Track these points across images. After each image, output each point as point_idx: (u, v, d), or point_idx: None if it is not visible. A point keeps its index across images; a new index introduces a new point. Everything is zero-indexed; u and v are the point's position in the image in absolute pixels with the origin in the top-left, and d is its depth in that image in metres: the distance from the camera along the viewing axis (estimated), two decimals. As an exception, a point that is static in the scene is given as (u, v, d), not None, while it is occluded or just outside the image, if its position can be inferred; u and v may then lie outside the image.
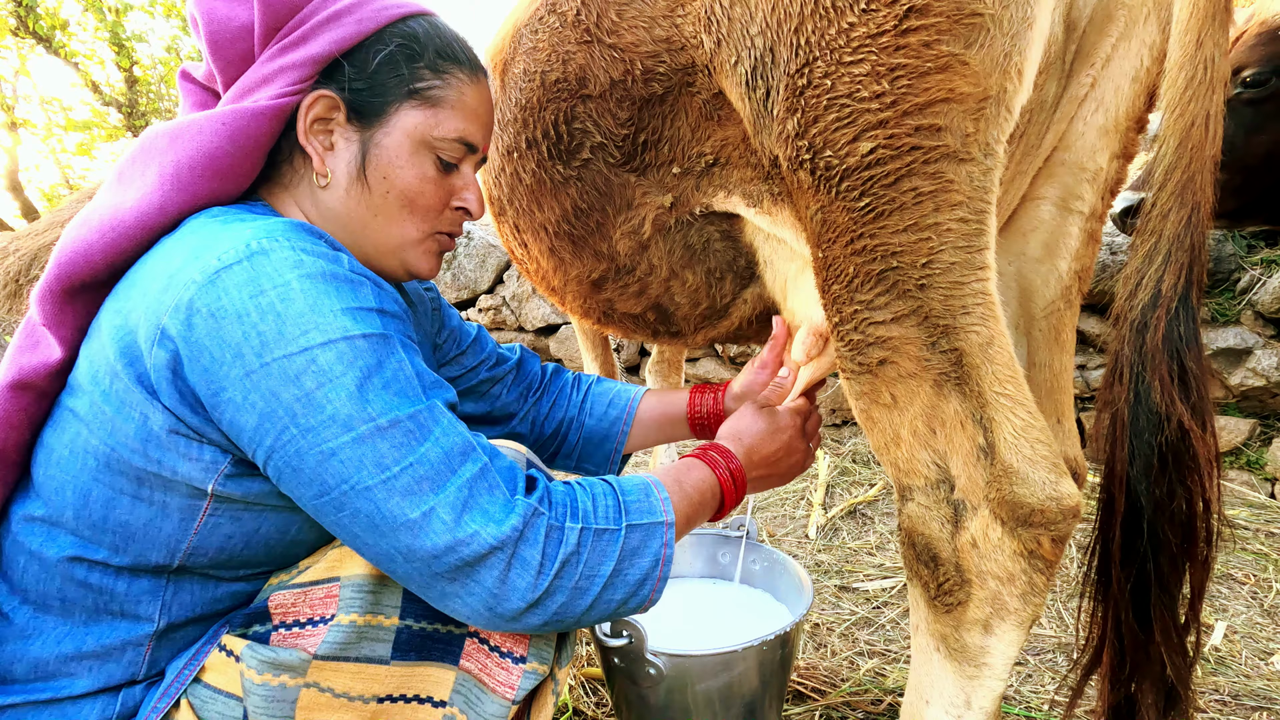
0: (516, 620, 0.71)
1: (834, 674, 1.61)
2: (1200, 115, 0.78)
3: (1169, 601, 0.83)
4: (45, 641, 0.74)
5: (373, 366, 0.69)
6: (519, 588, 0.70)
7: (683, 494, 0.86)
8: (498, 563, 0.69)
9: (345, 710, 0.75)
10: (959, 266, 0.80)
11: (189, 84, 0.87)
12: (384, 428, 0.68)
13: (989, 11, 0.74)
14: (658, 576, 0.77)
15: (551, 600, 0.71)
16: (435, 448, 0.70)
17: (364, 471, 0.67)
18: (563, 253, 1.32)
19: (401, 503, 0.67)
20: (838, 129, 0.80)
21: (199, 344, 0.67)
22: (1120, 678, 0.87)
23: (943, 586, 0.87)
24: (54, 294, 0.76)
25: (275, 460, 0.68)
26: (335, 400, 0.67)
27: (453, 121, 0.87)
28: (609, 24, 1.03)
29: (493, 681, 0.80)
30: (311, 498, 0.69)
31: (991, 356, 0.82)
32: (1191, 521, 0.81)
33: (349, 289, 0.71)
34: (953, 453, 0.85)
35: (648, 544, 0.77)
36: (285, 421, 0.67)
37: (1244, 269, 2.81)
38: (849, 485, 2.89)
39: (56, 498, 0.73)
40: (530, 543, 0.70)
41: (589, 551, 0.73)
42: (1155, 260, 0.81)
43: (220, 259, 0.69)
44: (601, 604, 0.74)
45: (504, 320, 4.28)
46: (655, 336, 1.43)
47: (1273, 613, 1.86)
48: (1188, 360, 0.80)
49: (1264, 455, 2.63)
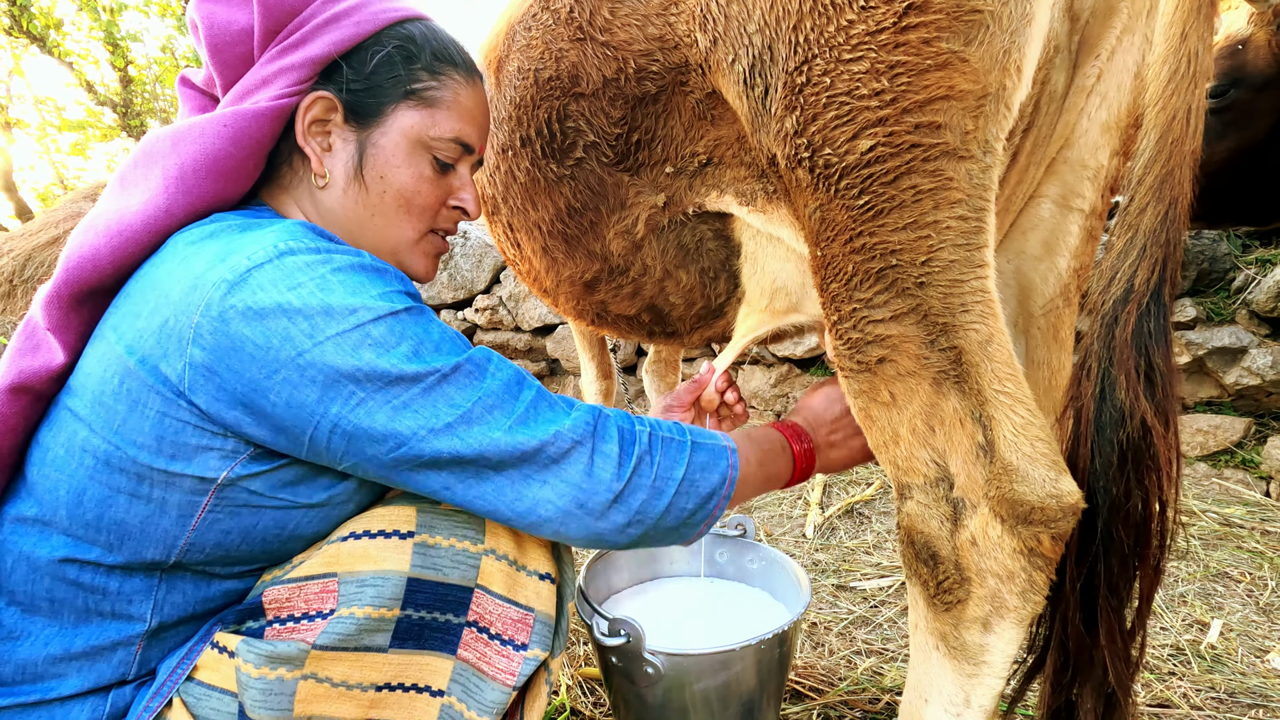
0: (603, 516, 0.77)
1: (832, 673, 1.61)
2: (1182, 109, 0.77)
3: (1116, 604, 0.82)
4: (33, 643, 0.73)
5: (421, 334, 0.75)
6: (603, 479, 0.76)
7: (745, 437, 0.93)
8: (581, 454, 0.76)
9: (344, 699, 0.75)
10: (958, 264, 0.80)
11: (189, 89, 0.88)
12: (447, 374, 0.74)
13: (988, 8, 0.74)
14: (723, 495, 0.84)
15: (633, 496, 0.78)
16: (495, 380, 0.76)
17: (440, 413, 0.73)
18: (556, 252, 1.32)
19: (482, 429, 0.74)
20: (837, 126, 0.80)
21: (239, 336, 0.68)
22: (1062, 681, 0.87)
23: (942, 585, 0.87)
24: (62, 299, 0.76)
25: (342, 427, 0.71)
26: (398, 363, 0.72)
27: (449, 122, 0.88)
28: (602, 21, 1.02)
29: (492, 669, 0.81)
30: (386, 451, 0.73)
31: (991, 354, 0.81)
32: (1146, 523, 0.81)
33: (379, 277, 0.75)
34: (952, 451, 0.85)
35: (715, 463, 0.85)
36: (351, 387, 0.71)
37: (1239, 268, 2.82)
38: (846, 484, 2.89)
39: (50, 497, 0.73)
40: (606, 438, 0.78)
41: (660, 454, 0.81)
42: (1130, 255, 0.80)
43: (250, 259, 0.70)
44: (675, 510, 0.81)
45: (501, 320, 4.28)
46: (651, 337, 1.43)
47: (1268, 610, 1.86)
48: (1155, 357, 0.79)
49: (1259, 454, 2.64)
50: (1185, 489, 2.65)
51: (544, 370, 4.44)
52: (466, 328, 4.41)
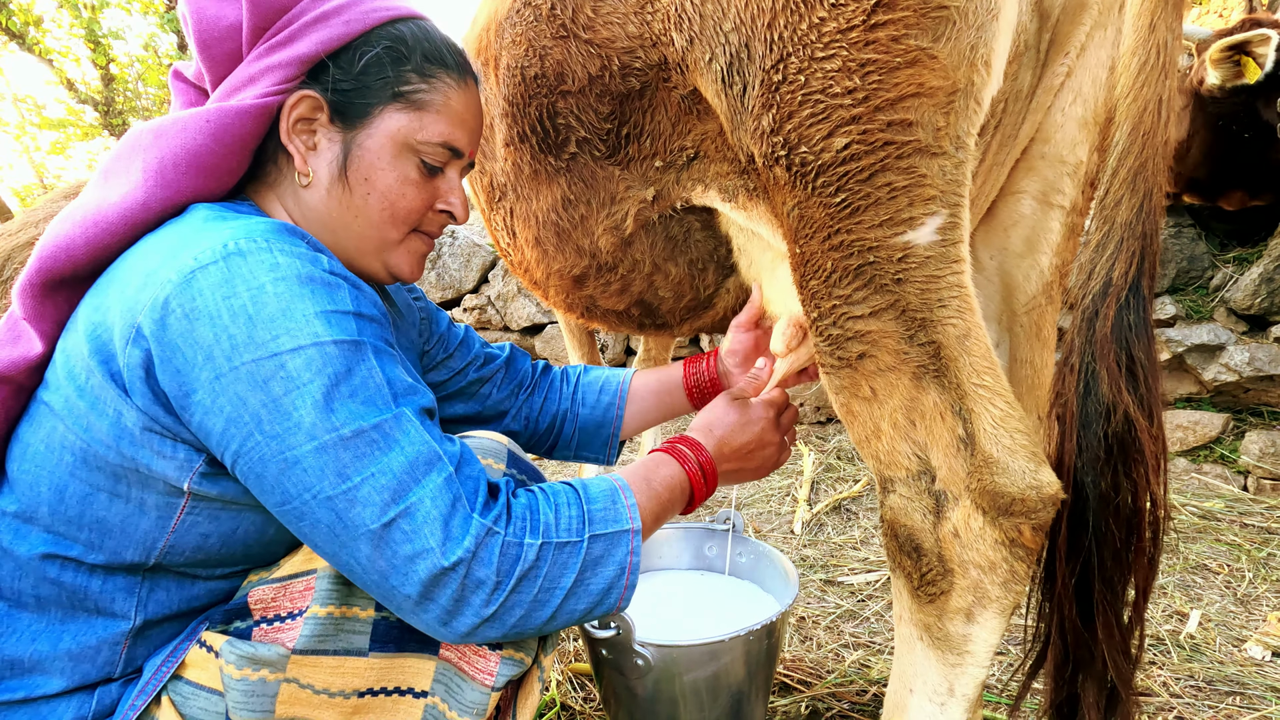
0: (472, 635, 0.71)
1: (820, 666, 1.63)
2: (1153, 100, 0.78)
3: (1112, 598, 0.82)
4: (20, 639, 0.73)
5: (341, 374, 0.69)
6: (473, 605, 0.69)
7: (650, 493, 0.86)
8: (452, 581, 0.68)
9: (325, 707, 0.74)
10: (934, 260, 0.80)
11: (180, 83, 0.87)
12: (347, 437, 0.67)
13: (954, 4, 0.74)
14: (624, 585, 0.77)
15: (508, 614, 0.71)
16: (399, 458, 0.69)
17: (325, 481, 0.67)
18: (547, 244, 1.32)
19: (361, 513, 0.67)
20: (812, 124, 0.80)
21: (171, 344, 0.67)
22: (1064, 675, 0.87)
23: (926, 577, 0.87)
24: (34, 287, 0.75)
25: (241, 465, 0.68)
26: (301, 408, 0.67)
27: (437, 126, 0.87)
28: (584, 19, 1.02)
29: (472, 669, 0.80)
30: (275, 504, 0.69)
31: (969, 348, 0.82)
32: (1136, 516, 0.81)
33: (325, 292, 0.71)
34: (933, 444, 0.85)
35: (612, 552, 0.77)
36: (250, 427, 0.67)
37: (1217, 267, 2.87)
38: (834, 481, 2.91)
39: (31, 493, 0.72)
40: (484, 563, 0.69)
41: (549, 565, 0.73)
42: (1107, 248, 0.80)
43: (197, 259, 0.68)
44: (564, 614, 0.74)
45: (489, 320, 4.27)
46: (641, 329, 1.44)
47: (1245, 601, 1.90)
48: (1137, 350, 0.79)
49: (1237, 449, 2.69)
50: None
51: (533, 369, 4.43)
52: (455, 327, 4.40)
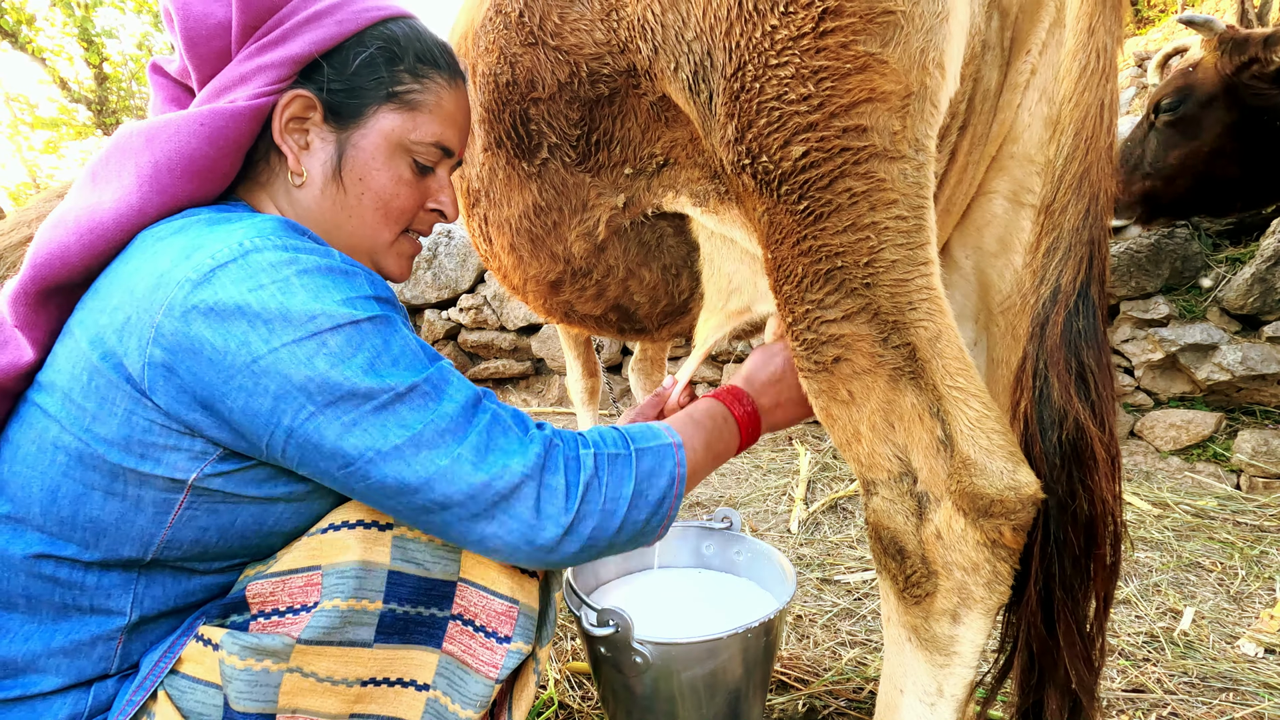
0: (554, 550, 0.75)
1: (817, 664, 1.63)
2: (1094, 105, 0.77)
3: (1073, 606, 0.82)
4: (12, 640, 0.73)
5: (380, 346, 0.72)
6: (552, 514, 0.74)
7: (688, 420, 0.91)
8: (528, 493, 0.73)
9: (328, 694, 0.75)
10: (901, 264, 0.80)
11: (161, 78, 0.86)
12: (402, 394, 0.71)
13: (900, 9, 0.73)
14: (675, 494, 0.83)
15: (583, 524, 0.76)
16: (451, 403, 0.74)
17: (390, 434, 0.70)
18: (522, 250, 1.32)
19: (430, 455, 0.71)
20: (770, 133, 0.79)
21: (199, 338, 0.67)
22: (1030, 682, 0.86)
23: (910, 579, 0.87)
24: (29, 296, 0.75)
25: (295, 439, 0.70)
26: (352, 377, 0.70)
27: (430, 126, 0.87)
28: (552, 26, 1.01)
29: (476, 662, 0.81)
30: (335, 469, 0.71)
31: (940, 350, 0.82)
32: (1093, 523, 0.80)
33: (345, 280, 0.73)
34: (913, 446, 0.85)
35: (662, 464, 0.83)
36: (302, 400, 0.69)
37: (1210, 266, 2.89)
38: (830, 480, 2.92)
39: (22, 494, 0.72)
40: (553, 470, 0.75)
41: (607, 474, 0.79)
42: (1055, 254, 0.79)
43: (214, 257, 0.69)
44: (630, 524, 0.79)
45: (486, 320, 4.26)
46: (621, 334, 1.43)
47: (1239, 598, 1.91)
48: (1086, 357, 0.78)
49: (1230, 448, 2.71)
50: (1159, 482, 2.71)
51: (529, 370, 4.43)
52: (451, 327, 4.39)
